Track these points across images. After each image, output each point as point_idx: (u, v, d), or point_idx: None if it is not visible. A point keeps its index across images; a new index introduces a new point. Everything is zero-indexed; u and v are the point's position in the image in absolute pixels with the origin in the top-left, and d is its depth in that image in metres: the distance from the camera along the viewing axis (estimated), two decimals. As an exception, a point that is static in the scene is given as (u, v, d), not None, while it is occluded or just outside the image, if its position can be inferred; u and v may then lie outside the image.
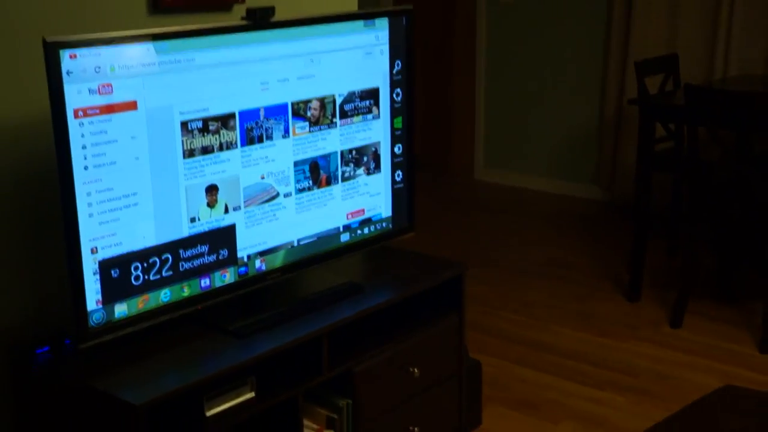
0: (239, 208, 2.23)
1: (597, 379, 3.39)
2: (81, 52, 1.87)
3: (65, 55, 1.85)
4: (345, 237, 2.52)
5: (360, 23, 2.45)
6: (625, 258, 4.42)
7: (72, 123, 1.87)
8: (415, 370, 2.47)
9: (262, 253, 2.31)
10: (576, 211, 5.50)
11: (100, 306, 1.99)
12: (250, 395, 2.11)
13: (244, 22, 2.20)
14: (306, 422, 2.27)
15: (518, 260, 4.66)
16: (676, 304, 3.82)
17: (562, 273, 4.47)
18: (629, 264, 4.17)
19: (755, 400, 2.20)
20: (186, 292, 2.15)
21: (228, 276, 2.24)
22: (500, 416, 3.12)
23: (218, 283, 2.22)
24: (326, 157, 2.42)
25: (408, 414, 2.51)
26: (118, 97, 1.95)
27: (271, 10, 2.23)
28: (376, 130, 2.54)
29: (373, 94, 2.51)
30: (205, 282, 2.19)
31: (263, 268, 2.32)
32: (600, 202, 5.63)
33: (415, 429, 2.51)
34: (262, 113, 2.23)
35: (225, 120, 2.15)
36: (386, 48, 2.51)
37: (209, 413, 2.03)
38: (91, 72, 1.89)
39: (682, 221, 4.22)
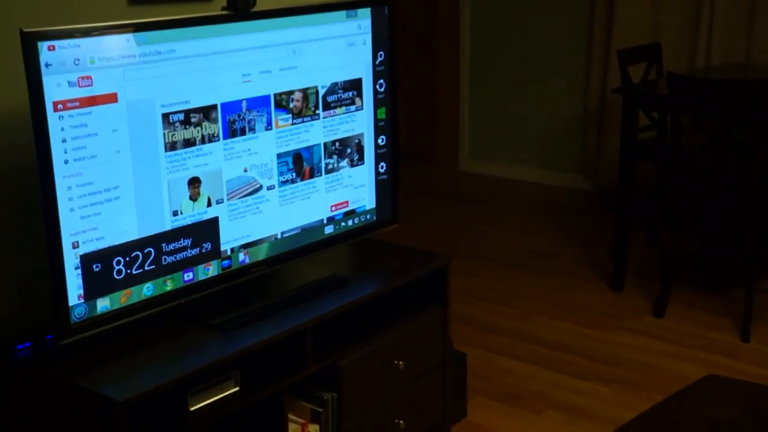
0: (222, 201, 2.21)
1: (580, 369, 3.40)
2: (60, 44, 1.84)
3: (44, 47, 1.82)
4: (329, 229, 2.51)
5: (342, 13, 2.43)
6: (609, 248, 4.43)
7: (51, 116, 1.85)
8: (400, 363, 2.47)
9: (246, 246, 2.29)
10: (560, 201, 5.50)
11: (82, 301, 1.96)
12: (235, 390, 2.10)
13: (225, 12, 2.17)
14: (291, 416, 2.26)
15: (502, 251, 4.66)
16: (659, 293, 3.84)
17: (546, 263, 4.47)
18: (612, 253, 4.18)
19: (737, 390, 2.20)
20: (169, 285, 2.13)
21: (211, 269, 2.22)
22: (484, 407, 3.12)
23: (201, 277, 2.20)
24: (309, 149, 2.40)
25: (393, 407, 2.51)
26: (98, 90, 1.92)
27: (251, 0, 2.20)
28: (359, 122, 2.52)
29: (356, 85, 2.49)
30: (188, 275, 2.17)
31: (247, 261, 2.30)
32: (584, 191, 5.63)
33: (401, 422, 2.51)
34: (244, 105, 2.21)
35: (207, 112, 2.13)
36: (369, 38, 2.49)
37: (193, 408, 2.02)
38: (70, 64, 1.86)
39: (665, 210, 4.23)
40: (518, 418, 3.07)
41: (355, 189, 2.55)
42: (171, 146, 2.07)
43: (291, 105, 2.32)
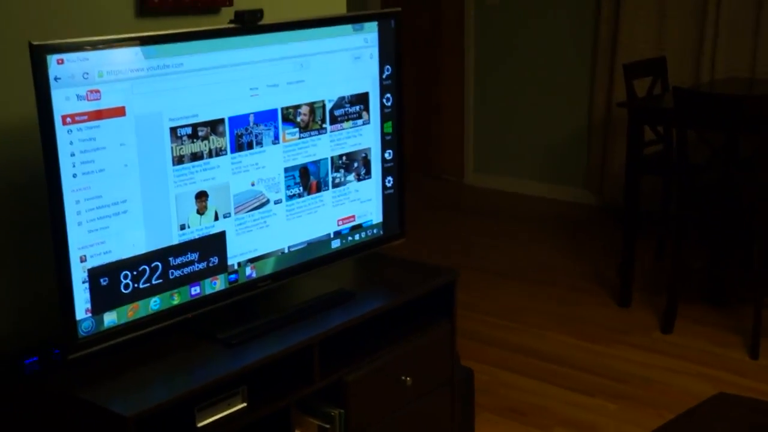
0: (229, 215, 2.20)
1: (587, 385, 3.38)
2: (69, 57, 1.84)
3: (53, 60, 1.81)
4: (336, 243, 2.50)
5: (349, 27, 2.43)
6: (615, 262, 4.41)
7: (60, 129, 1.84)
8: (408, 379, 2.45)
9: (253, 260, 2.28)
10: (566, 215, 5.49)
11: (90, 315, 1.95)
12: (242, 406, 2.08)
13: (232, 26, 2.17)
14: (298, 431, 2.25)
15: (508, 265, 4.65)
16: (666, 309, 3.82)
17: (552, 278, 4.46)
18: (619, 268, 4.16)
19: (748, 408, 2.18)
20: (176, 299, 2.12)
21: (218, 283, 2.21)
22: (491, 423, 3.10)
23: (208, 291, 2.19)
24: (316, 163, 2.39)
25: (400, 423, 2.48)
26: (106, 103, 1.91)
27: (259, 13, 2.20)
28: (366, 136, 2.52)
29: (362, 99, 2.48)
30: (195, 289, 2.16)
31: (253, 275, 2.29)
32: (590, 206, 5.62)
33: (408, 437, 2.49)
34: (251, 119, 2.21)
35: (214, 126, 2.13)
36: (375, 52, 2.49)
37: (200, 424, 2.00)
38: (79, 77, 1.86)
39: (671, 224, 4.21)
40: (525, 433, 3.06)
41: (361, 203, 2.54)
42: (179, 160, 2.06)
43: (298, 119, 2.32)
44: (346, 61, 2.43)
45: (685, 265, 3.81)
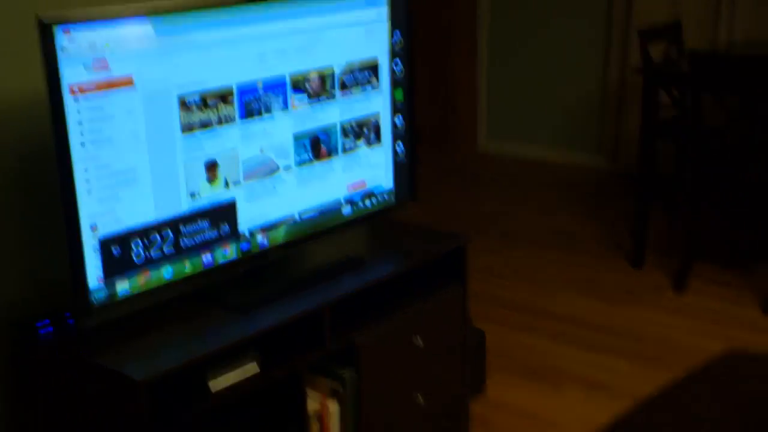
0: (239, 182, 2.22)
1: (601, 345, 3.40)
2: (76, 28, 1.85)
3: (60, 31, 1.83)
4: (347, 210, 2.51)
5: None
6: (629, 226, 4.41)
7: (68, 100, 1.86)
8: (419, 340, 2.48)
9: (264, 229, 2.31)
10: (580, 180, 5.48)
11: (102, 284, 1.98)
12: (255, 370, 2.12)
13: (240, -5, 2.17)
14: (310, 393, 2.28)
15: (522, 230, 4.66)
16: (680, 268, 3.82)
17: (567, 242, 4.46)
18: (633, 230, 4.16)
19: (759, 364, 2.20)
20: (188, 269, 2.15)
21: (230, 251, 2.24)
22: (504, 383, 3.13)
23: (221, 259, 2.22)
24: (326, 130, 2.40)
25: (412, 383, 2.52)
26: (114, 74, 1.93)
27: (267, -18, 2.20)
28: (376, 102, 2.52)
29: (372, 66, 2.49)
30: (207, 258, 2.19)
31: (266, 243, 2.32)
32: (605, 171, 5.61)
33: (419, 396, 2.52)
34: (260, 86, 2.22)
35: (223, 94, 2.14)
36: (386, 18, 2.49)
37: (214, 389, 2.04)
38: (86, 48, 1.87)
39: (686, 187, 4.20)
40: (537, 393, 3.08)
41: (372, 169, 2.56)
42: (187, 128, 2.08)
43: (307, 86, 2.33)
44: (357, 27, 2.43)
45: (698, 226, 3.81)
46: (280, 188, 2.32)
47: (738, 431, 1.82)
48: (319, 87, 2.35)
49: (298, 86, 2.30)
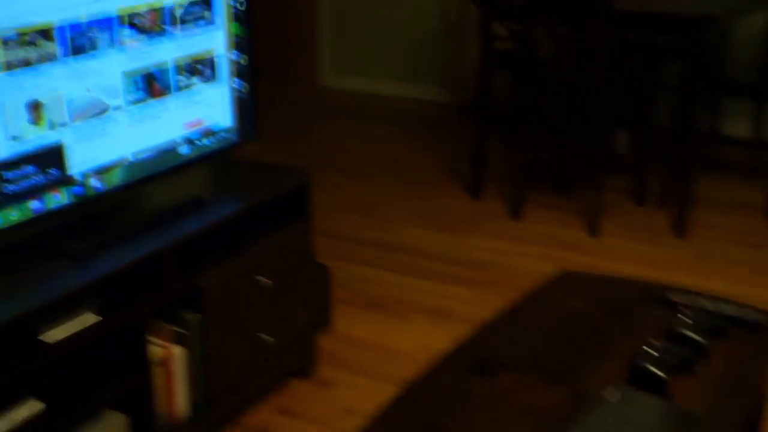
0: (66, 123, 2.11)
1: (442, 274, 3.50)
2: None
3: None
4: (185, 149, 2.44)
5: None
6: (469, 157, 4.52)
7: None
8: (264, 279, 2.46)
9: (98, 172, 2.21)
10: (423, 113, 5.55)
11: None
12: (95, 319, 2.04)
13: None
14: (154, 340, 2.23)
15: (363, 163, 4.69)
16: (515, 197, 3.97)
17: (408, 174, 4.53)
18: (471, 161, 4.27)
19: (589, 282, 2.34)
20: (15, 216, 2.03)
21: (62, 196, 2.13)
22: (350, 317, 3.18)
23: (53, 205, 2.11)
24: (159, 67, 2.31)
25: (259, 323, 2.51)
26: None
27: None
28: (212, 37, 2.44)
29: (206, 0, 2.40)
30: (36, 204, 2.07)
31: (101, 187, 2.22)
32: (446, 103, 5.70)
33: (266, 336, 2.52)
34: (85, 22, 2.09)
35: (45, 30, 2.01)
36: (216, -52, 2.39)
37: (51, 340, 1.95)
38: None
39: (522, 117, 4.33)
40: (383, 324, 3.15)
41: (209, 107, 2.48)
42: (6, 66, 1.94)
43: (137, 21, 2.22)
44: (184, -43, 2.33)
45: (531, 154, 3.95)
46: (112, 129, 2.22)
47: (566, 340, 1.98)
48: (150, 22, 2.25)
49: (128, 21, 2.19)
